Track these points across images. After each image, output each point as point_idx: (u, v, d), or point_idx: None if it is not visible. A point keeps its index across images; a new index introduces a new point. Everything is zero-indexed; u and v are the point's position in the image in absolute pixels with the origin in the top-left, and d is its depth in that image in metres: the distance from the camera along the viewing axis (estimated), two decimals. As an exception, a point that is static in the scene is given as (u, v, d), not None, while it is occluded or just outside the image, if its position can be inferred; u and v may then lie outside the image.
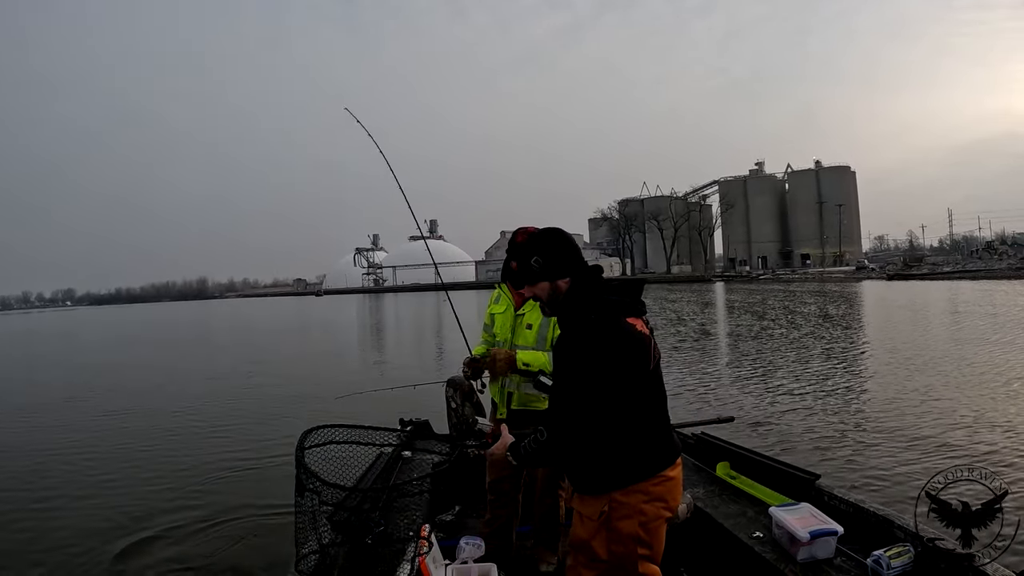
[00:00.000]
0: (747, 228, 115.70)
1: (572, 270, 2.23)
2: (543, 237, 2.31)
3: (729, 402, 9.53)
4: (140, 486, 6.64)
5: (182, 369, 17.86)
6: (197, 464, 7.32)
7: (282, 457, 7.43)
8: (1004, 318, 19.06)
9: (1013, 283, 40.19)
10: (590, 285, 2.19)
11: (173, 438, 8.87)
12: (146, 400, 12.40)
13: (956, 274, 56.22)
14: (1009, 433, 6.98)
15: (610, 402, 2.06)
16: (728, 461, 4.01)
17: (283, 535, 5.07)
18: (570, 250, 2.26)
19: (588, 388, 2.04)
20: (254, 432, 8.97)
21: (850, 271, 75.56)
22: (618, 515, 2.12)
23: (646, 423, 2.15)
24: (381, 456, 4.43)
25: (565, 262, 2.23)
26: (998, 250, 75.75)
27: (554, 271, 2.22)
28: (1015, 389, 9.15)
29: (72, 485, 6.88)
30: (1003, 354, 12.23)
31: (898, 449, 6.70)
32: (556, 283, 2.22)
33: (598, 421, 2.07)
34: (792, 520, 3.00)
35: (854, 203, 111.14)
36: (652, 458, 2.15)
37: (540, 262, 2.23)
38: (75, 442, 8.80)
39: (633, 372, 2.09)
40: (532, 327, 3.21)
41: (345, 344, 24.36)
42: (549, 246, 2.26)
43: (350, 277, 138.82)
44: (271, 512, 5.65)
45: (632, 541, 2.11)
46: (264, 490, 6.30)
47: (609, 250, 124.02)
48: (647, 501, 2.13)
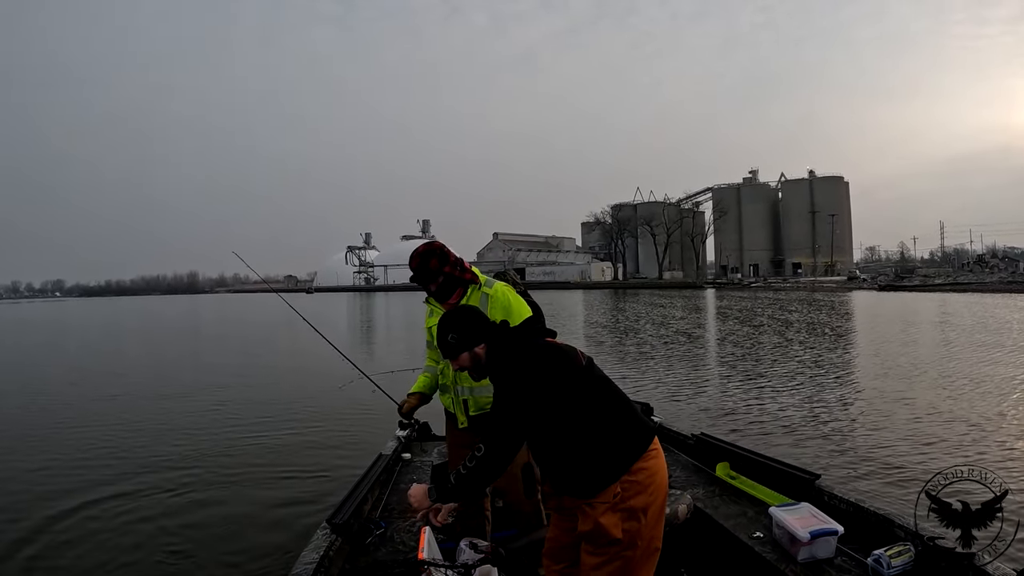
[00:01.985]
0: (739, 236, 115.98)
1: (484, 336, 2.46)
2: (453, 316, 2.53)
3: (730, 403, 9.61)
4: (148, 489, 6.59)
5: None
6: (194, 466, 7.27)
7: (283, 456, 7.50)
8: (997, 330, 19.26)
9: (1004, 296, 40.47)
10: (503, 340, 2.45)
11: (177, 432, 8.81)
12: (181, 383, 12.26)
13: (948, 286, 56.37)
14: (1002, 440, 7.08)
15: (558, 405, 2.27)
16: (728, 461, 4.03)
17: (282, 536, 5.10)
18: (478, 320, 2.51)
19: (530, 401, 2.27)
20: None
21: (841, 281, 75.76)
22: (630, 493, 2.24)
23: (613, 412, 2.32)
24: (381, 458, 4.44)
25: (476, 332, 2.46)
26: (989, 263, 76.21)
27: (469, 342, 2.45)
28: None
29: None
30: (998, 367, 12.32)
31: (897, 451, 6.78)
32: (474, 351, 2.45)
33: (566, 425, 2.28)
34: (792, 520, 3.02)
35: (846, 213, 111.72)
36: (636, 438, 2.31)
37: (455, 338, 2.46)
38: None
39: (569, 373, 2.31)
40: None
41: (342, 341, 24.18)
42: (459, 322, 2.48)
43: (341, 275, 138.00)
44: (271, 513, 5.65)
45: (643, 513, 2.25)
46: (264, 490, 6.29)
47: (601, 254, 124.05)
48: (650, 475, 2.29)
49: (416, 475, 4.45)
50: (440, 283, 3.17)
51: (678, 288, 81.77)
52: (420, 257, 3.17)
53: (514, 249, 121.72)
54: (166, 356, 20.81)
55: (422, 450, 5.09)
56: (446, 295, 3.21)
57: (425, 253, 3.17)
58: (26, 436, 8.95)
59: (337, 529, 3.20)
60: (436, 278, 3.16)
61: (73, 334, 34.16)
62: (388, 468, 4.39)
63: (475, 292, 3.22)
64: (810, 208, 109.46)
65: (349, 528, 3.28)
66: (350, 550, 3.25)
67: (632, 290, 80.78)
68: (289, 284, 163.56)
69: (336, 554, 3.07)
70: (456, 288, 3.21)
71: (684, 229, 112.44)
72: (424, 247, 3.21)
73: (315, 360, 16.86)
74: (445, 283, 3.18)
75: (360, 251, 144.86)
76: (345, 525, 3.25)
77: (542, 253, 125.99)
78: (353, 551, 3.26)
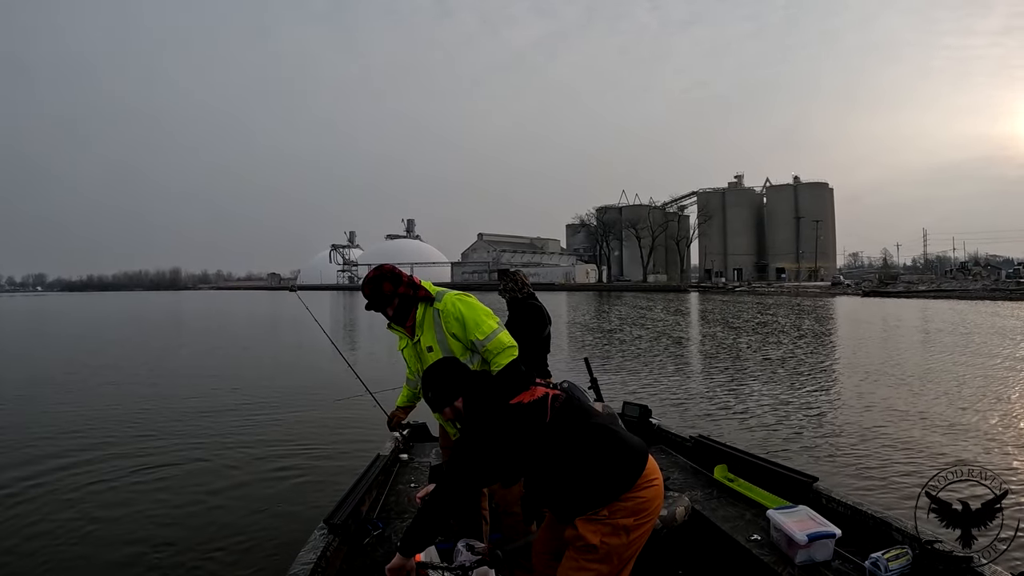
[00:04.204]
0: (724, 240, 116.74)
1: (460, 390, 2.54)
2: (430, 374, 2.63)
3: (728, 405, 9.67)
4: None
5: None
6: (191, 465, 7.19)
7: (281, 455, 7.45)
8: (981, 336, 19.53)
9: (989, 304, 40.95)
10: (478, 394, 2.53)
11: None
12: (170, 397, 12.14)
13: (931, 293, 56.88)
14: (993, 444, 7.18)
15: (526, 459, 2.39)
16: (726, 464, 4.04)
17: (280, 536, 5.06)
18: (454, 375, 2.59)
19: (488, 460, 2.38)
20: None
21: (825, 286, 76.29)
22: (618, 514, 2.30)
23: (593, 452, 2.37)
24: (379, 458, 4.42)
25: (452, 388, 2.55)
26: (972, 271, 77.05)
27: (447, 398, 2.54)
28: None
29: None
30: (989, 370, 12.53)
31: (896, 453, 6.84)
32: (454, 405, 2.54)
33: (543, 470, 2.40)
34: (790, 523, 3.02)
35: (830, 219, 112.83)
36: (622, 472, 2.34)
37: (433, 396, 2.58)
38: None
39: (531, 434, 2.38)
40: (433, 348, 3.19)
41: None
42: (436, 380, 2.58)
43: (325, 274, 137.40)
44: (268, 512, 5.61)
45: (625, 532, 2.29)
46: (262, 490, 6.25)
47: (586, 257, 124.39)
48: (643, 503, 2.33)
49: (414, 476, 4.42)
50: (396, 305, 3.17)
51: (662, 291, 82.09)
52: (371, 283, 3.16)
53: (498, 250, 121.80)
54: (156, 352, 20.49)
55: (421, 451, 5.08)
56: (403, 317, 3.22)
57: (375, 279, 3.17)
58: (27, 438, 8.77)
59: (335, 529, 3.17)
60: (391, 300, 3.16)
61: (94, 331, 33.60)
62: (386, 469, 4.37)
63: (428, 310, 3.21)
64: (795, 214, 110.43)
65: (347, 528, 3.26)
66: (348, 550, 3.23)
67: (616, 292, 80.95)
68: (272, 282, 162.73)
69: (334, 554, 3.05)
70: (411, 308, 3.21)
71: (669, 232, 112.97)
72: (373, 272, 3.21)
73: (314, 357, 16.83)
74: (401, 305, 3.18)
75: (344, 250, 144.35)
76: (343, 525, 3.23)
77: (527, 254, 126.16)
78: (351, 551, 3.24)
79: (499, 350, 3.14)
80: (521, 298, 4.63)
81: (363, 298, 3.20)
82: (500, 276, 4.86)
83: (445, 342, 3.18)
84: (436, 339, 3.19)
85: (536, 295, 4.75)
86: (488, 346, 3.14)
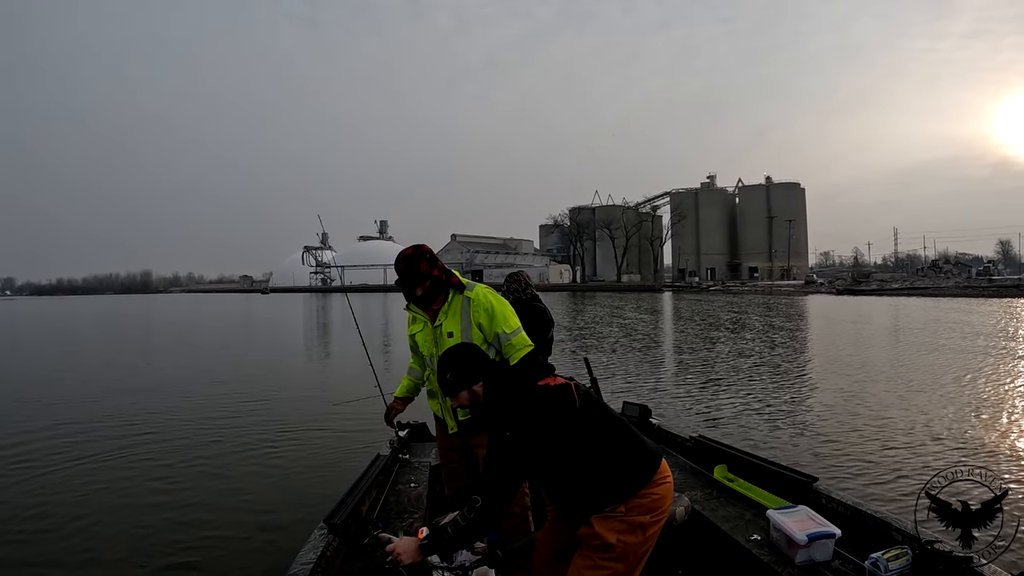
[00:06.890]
0: (697, 240, 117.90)
1: (481, 374, 2.49)
2: (451, 355, 2.57)
3: (728, 405, 9.73)
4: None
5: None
6: (190, 465, 7.12)
7: (280, 455, 7.43)
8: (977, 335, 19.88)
9: (964, 301, 41.88)
10: (501, 379, 2.48)
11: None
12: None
13: (905, 291, 57.92)
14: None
15: (555, 447, 2.31)
16: (726, 463, 4.04)
17: (279, 535, 5.04)
18: (475, 358, 2.54)
19: (526, 449, 2.30)
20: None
21: (799, 285, 77.38)
22: (634, 512, 2.29)
23: (613, 445, 2.35)
24: (379, 458, 4.39)
25: (473, 370, 2.49)
26: (943, 269, 78.64)
27: (467, 380, 2.48)
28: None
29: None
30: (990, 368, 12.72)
31: (895, 453, 6.90)
32: (472, 389, 2.48)
33: (565, 461, 2.32)
34: (790, 523, 3.03)
35: (803, 219, 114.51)
36: (639, 468, 2.35)
37: (453, 376, 2.50)
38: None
39: (563, 417, 2.32)
40: (453, 334, 3.15)
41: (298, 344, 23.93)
42: (457, 361, 2.52)
43: (298, 276, 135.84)
44: (267, 512, 5.61)
45: (641, 530, 2.30)
46: (261, 489, 6.25)
47: (559, 257, 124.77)
48: (658, 500, 2.34)
49: (414, 476, 4.40)
50: (427, 287, 3.12)
51: (636, 291, 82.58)
52: (409, 260, 3.09)
53: (472, 251, 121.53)
54: (153, 354, 20.27)
55: (420, 451, 5.06)
56: (430, 300, 3.17)
57: (413, 256, 3.10)
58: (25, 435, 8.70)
59: (334, 529, 3.15)
60: (424, 281, 3.10)
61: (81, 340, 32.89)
62: (386, 468, 4.34)
63: (456, 297, 3.19)
64: (767, 213, 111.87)
65: (347, 528, 3.24)
66: (347, 550, 3.21)
67: (591, 292, 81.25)
68: (244, 284, 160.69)
69: (333, 554, 3.03)
70: (440, 293, 3.18)
71: (643, 233, 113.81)
72: (412, 249, 3.14)
73: (314, 358, 16.72)
74: (432, 287, 3.13)
75: (317, 251, 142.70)
76: (342, 525, 3.21)
77: (500, 255, 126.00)
78: (350, 551, 3.22)
79: (521, 346, 3.16)
80: (525, 300, 4.63)
81: (394, 273, 3.14)
82: (507, 279, 4.86)
83: (468, 331, 3.15)
84: (460, 327, 3.15)
85: (539, 297, 4.76)
86: (512, 340, 3.15)
